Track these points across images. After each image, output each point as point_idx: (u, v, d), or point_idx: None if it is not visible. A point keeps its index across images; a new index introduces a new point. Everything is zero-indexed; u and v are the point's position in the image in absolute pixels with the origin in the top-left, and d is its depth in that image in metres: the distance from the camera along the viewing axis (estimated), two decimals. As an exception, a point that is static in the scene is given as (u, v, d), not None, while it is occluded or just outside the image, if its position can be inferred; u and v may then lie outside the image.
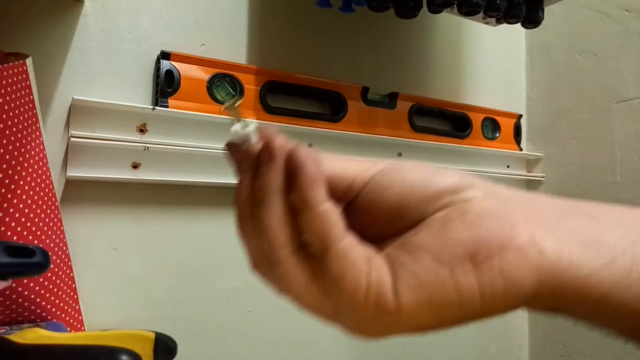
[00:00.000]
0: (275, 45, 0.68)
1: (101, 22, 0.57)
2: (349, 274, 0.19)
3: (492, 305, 0.19)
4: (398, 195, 0.21)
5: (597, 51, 0.81)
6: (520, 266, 0.19)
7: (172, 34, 0.61)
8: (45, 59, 0.53)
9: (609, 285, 0.19)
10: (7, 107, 0.43)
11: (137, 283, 0.57)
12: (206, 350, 0.60)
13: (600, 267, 0.19)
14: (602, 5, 0.81)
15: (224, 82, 0.62)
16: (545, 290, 0.19)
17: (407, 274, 0.19)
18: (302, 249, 0.21)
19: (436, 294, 0.19)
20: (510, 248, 0.19)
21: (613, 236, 0.20)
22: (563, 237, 0.19)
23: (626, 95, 0.77)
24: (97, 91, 0.56)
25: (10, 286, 0.43)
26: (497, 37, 0.89)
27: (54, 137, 0.53)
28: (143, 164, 0.55)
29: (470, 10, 0.58)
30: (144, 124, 0.56)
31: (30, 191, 0.45)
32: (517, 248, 0.19)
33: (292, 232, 0.20)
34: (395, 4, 0.58)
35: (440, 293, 0.19)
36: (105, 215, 0.55)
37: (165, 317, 0.58)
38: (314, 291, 0.20)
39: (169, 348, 0.44)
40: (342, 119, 0.69)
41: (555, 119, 0.87)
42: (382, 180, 0.22)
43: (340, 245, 0.20)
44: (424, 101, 0.77)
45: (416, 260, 0.19)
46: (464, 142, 0.80)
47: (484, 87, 0.88)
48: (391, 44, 0.78)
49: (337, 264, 0.19)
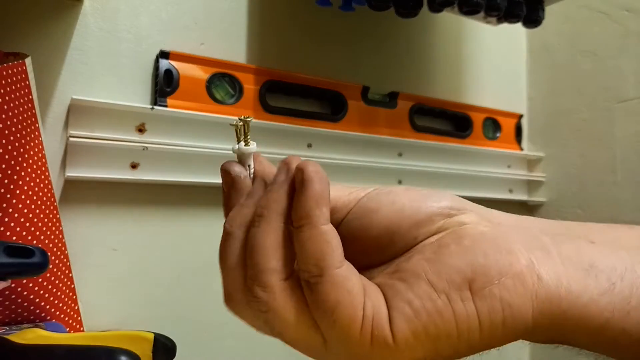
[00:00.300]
0: (274, 44, 0.68)
1: (100, 22, 0.56)
2: (344, 303, 0.18)
3: (491, 336, 0.18)
4: (388, 219, 0.20)
5: (597, 51, 0.81)
6: (520, 294, 0.18)
7: (172, 33, 0.61)
8: (45, 58, 0.53)
9: (609, 313, 0.18)
10: (7, 107, 0.43)
11: (136, 283, 0.57)
12: (206, 351, 0.60)
13: (599, 293, 0.18)
14: (602, 5, 0.81)
15: (224, 82, 0.62)
16: (544, 321, 0.18)
17: (402, 303, 0.18)
18: (291, 277, 0.19)
19: (433, 324, 0.18)
20: (509, 274, 0.18)
21: (611, 260, 0.19)
22: (560, 264, 0.19)
23: (627, 95, 0.77)
24: (96, 91, 0.55)
25: (9, 286, 0.43)
26: (497, 37, 0.89)
27: (53, 137, 0.53)
28: (142, 164, 0.55)
29: (471, 10, 0.57)
30: (142, 124, 0.55)
31: (30, 191, 0.45)
32: (516, 274, 0.18)
33: (285, 257, 0.19)
34: (395, 3, 0.57)
35: (437, 323, 0.18)
36: (104, 215, 0.55)
37: (164, 318, 0.58)
38: (302, 323, 0.19)
39: (168, 348, 0.44)
40: (342, 119, 0.69)
41: (556, 119, 0.87)
42: (370, 204, 0.21)
43: (338, 272, 0.18)
44: (424, 101, 0.77)
45: (411, 288, 0.18)
46: (465, 142, 0.80)
47: (484, 87, 0.88)
48: (392, 43, 0.78)
49: (333, 291, 0.18)
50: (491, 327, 0.18)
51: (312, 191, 0.19)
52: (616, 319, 0.18)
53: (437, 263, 0.18)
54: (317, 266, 0.18)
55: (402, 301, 0.18)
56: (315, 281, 0.18)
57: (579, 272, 0.19)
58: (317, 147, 0.66)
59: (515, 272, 0.18)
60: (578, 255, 0.19)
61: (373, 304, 0.18)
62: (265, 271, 0.19)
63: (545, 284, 0.18)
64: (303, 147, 0.65)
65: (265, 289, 0.19)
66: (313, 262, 0.18)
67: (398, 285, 0.18)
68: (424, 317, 0.18)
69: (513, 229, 0.20)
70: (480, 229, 0.19)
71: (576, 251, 0.19)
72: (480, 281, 0.18)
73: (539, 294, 0.18)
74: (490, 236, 0.19)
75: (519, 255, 0.19)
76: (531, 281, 0.18)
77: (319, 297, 0.18)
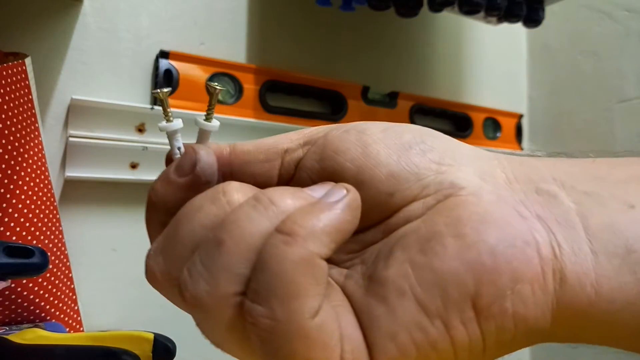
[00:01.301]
0: (274, 44, 0.68)
1: (100, 22, 0.56)
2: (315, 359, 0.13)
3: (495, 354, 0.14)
4: (356, 165, 0.15)
5: (598, 51, 0.81)
6: (539, 303, 0.13)
7: (171, 33, 0.60)
8: (45, 58, 0.53)
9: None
10: (7, 107, 0.43)
11: (136, 283, 0.57)
12: (205, 351, 0.60)
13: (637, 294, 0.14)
14: (602, 5, 0.81)
15: (223, 82, 0.62)
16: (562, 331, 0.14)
17: (384, 339, 0.13)
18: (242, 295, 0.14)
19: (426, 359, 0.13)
20: (525, 278, 0.13)
21: None
22: (588, 251, 0.14)
23: (627, 95, 0.76)
24: (96, 91, 0.55)
25: (9, 286, 0.43)
26: (498, 37, 0.89)
27: (53, 137, 0.53)
28: (141, 164, 0.55)
29: (471, 10, 0.57)
30: (142, 124, 0.55)
31: (29, 191, 0.45)
32: (535, 277, 0.13)
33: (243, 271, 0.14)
34: (395, 3, 0.57)
35: (430, 357, 0.13)
36: (104, 216, 0.55)
37: (164, 318, 0.58)
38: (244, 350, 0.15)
39: (168, 349, 0.44)
40: (342, 118, 0.69)
41: (557, 119, 0.87)
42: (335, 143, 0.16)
43: (312, 323, 0.13)
44: (425, 101, 0.77)
45: (393, 313, 0.13)
46: (465, 142, 0.79)
47: (485, 87, 0.88)
48: (392, 43, 0.78)
49: (300, 347, 0.12)
50: (498, 347, 0.14)
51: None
52: None
53: (426, 270, 0.13)
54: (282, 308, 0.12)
55: (384, 336, 0.13)
56: (271, 327, 0.13)
57: (613, 261, 0.14)
58: (317, 147, 0.66)
59: (535, 274, 0.13)
60: (612, 232, 0.14)
61: (352, 349, 0.13)
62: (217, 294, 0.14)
63: (569, 285, 0.14)
64: (303, 147, 0.65)
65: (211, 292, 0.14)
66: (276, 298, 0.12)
67: (377, 309, 0.14)
68: (413, 354, 0.13)
69: (527, 190, 0.15)
70: (483, 202, 0.14)
71: (609, 226, 0.14)
72: (488, 295, 0.13)
73: (560, 301, 0.14)
74: (499, 214, 0.14)
75: (539, 241, 0.14)
76: (553, 285, 0.14)
77: (272, 347, 0.13)
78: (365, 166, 0.15)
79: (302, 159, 0.17)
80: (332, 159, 0.16)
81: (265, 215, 0.14)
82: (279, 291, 0.12)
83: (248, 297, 0.13)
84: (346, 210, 0.14)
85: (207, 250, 0.14)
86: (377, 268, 0.14)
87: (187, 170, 0.17)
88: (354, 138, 0.16)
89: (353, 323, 0.14)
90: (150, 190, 0.18)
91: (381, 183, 0.15)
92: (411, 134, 0.16)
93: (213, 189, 0.15)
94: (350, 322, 0.14)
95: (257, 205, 0.14)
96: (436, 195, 0.15)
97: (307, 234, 0.13)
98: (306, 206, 0.14)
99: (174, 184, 0.17)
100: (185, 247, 0.15)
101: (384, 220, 0.15)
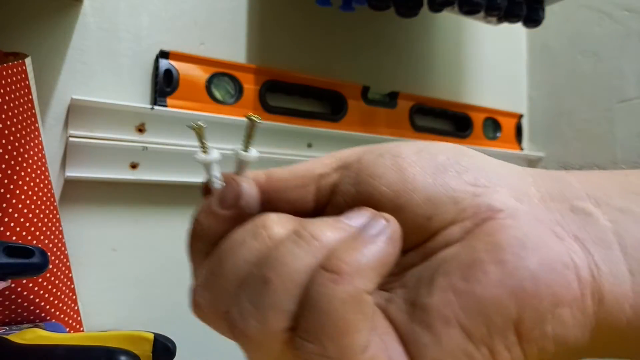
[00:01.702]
0: (274, 44, 0.68)
1: (100, 21, 0.56)
2: None
3: None
4: (393, 190, 0.15)
5: (598, 51, 0.81)
6: (579, 325, 0.14)
7: (171, 33, 0.60)
8: (45, 58, 0.53)
9: None
10: (7, 107, 0.43)
11: (136, 283, 0.57)
12: (205, 351, 0.60)
13: None
14: (602, 5, 0.81)
15: (223, 82, 0.62)
16: (598, 349, 0.14)
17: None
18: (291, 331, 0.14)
19: None
20: (565, 302, 0.13)
21: None
22: (626, 271, 0.14)
23: (627, 95, 0.76)
24: (96, 91, 0.55)
25: (9, 286, 0.43)
26: (498, 37, 0.89)
27: (53, 137, 0.53)
28: (142, 164, 0.55)
29: (471, 10, 0.57)
30: (142, 124, 0.55)
31: (29, 191, 0.45)
32: (575, 300, 0.14)
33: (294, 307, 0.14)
34: (395, 2, 0.57)
35: None
36: (104, 216, 0.55)
37: (164, 318, 0.58)
38: None
39: (168, 349, 0.44)
40: (342, 119, 0.69)
41: (557, 119, 0.87)
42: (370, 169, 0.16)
43: (364, 357, 0.13)
44: (425, 101, 0.77)
45: (439, 341, 0.13)
46: (465, 142, 0.80)
47: (485, 87, 0.88)
48: (392, 43, 0.78)
49: None
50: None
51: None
52: None
53: (469, 297, 0.14)
54: (333, 345, 0.13)
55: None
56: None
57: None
58: (317, 146, 0.66)
59: (574, 297, 0.14)
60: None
61: None
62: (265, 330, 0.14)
63: (608, 306, 0.14)
64: (303, 147, 0.65)
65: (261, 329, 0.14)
66: (327, 336, 0.13)
67: (423, 337, 0.14)
68: None
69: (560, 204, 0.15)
70: (521, 225, 0.14)
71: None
72: (530, 320, 0.13)
73: (599, 321, 0.14)
74: (537, 237, 0.14)
75: (578, 263, 0.14)
76: (592, 307, 0.14)
77: None
78: (402, 190, 0.15)
79: (337, 184, 0.17)
80: (368, 183, 0.16)
81: (309, 251, 0.14)
82: (329, 329, 0.13)
83: (298, 334, 0.14)
84: (389, 243, 0.14)
85: (254, 288, 0.14)
86: (419, 294, 0.14)
87: (231, 203, 0.17)
88: (389, 162, 0.16)
89: (400, 352, 0.14)
90: (194, 222, 0.18)
91: (419, 207, 0.15)
92: (445, 155, 0.16)
93: (252, 223, 0.16)
94: (397, 351, 0.14)
95: (299, 241, 0.14)
96: (474, 219, 0.15)
97: (353, 271, 0.13)
98: (349, 240, 0.14)
99: (218, 216, 0.17)
100: (230, 283, 0.15)
101: (423, 244, 0.16)
